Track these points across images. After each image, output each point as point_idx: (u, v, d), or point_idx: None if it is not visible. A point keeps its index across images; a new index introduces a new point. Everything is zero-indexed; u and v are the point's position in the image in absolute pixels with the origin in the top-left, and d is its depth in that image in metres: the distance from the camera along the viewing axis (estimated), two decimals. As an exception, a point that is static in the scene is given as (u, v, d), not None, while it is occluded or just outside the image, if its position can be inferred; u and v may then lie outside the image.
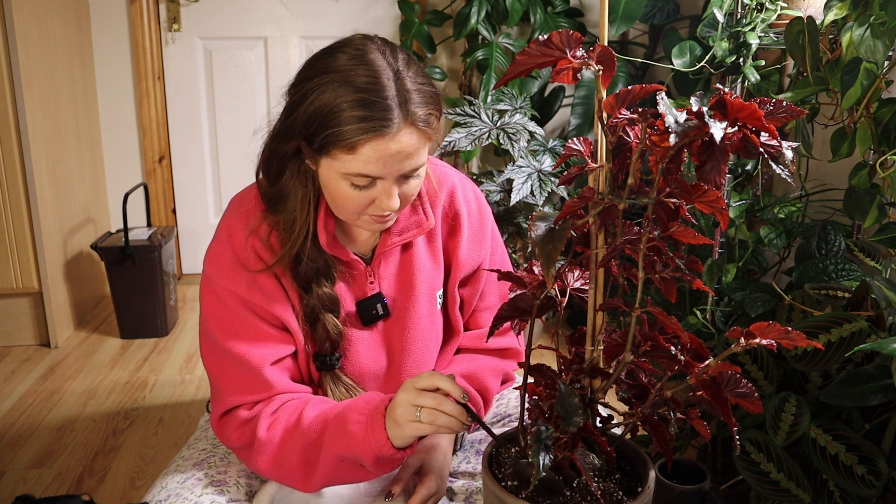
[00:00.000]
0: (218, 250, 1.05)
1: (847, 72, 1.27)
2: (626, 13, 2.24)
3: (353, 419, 0.95)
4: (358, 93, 0.89)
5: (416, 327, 1.12)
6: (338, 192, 0.96)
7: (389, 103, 0.90)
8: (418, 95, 0.92)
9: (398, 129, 0.90)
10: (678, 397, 0.78)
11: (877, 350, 1.04)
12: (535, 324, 0.80)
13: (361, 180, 0.94)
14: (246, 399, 1.03)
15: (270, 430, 1.00)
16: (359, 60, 0.92)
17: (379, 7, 2.86)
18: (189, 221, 3.03)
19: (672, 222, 0.71)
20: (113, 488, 1.68)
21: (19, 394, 2.12)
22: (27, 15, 2.22)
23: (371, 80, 0.90)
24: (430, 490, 1.03)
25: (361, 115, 0.89)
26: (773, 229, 1.62)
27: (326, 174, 0.96)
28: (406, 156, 0.93)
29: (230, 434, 1.04)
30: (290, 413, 1.01)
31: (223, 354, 1.04)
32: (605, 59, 0.71)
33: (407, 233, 1.09)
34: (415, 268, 1.11)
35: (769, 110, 0.68)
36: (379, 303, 1.10)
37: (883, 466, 1.10)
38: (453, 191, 1.15)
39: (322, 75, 0.92)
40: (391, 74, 0.91)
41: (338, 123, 0.90)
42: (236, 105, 2.93)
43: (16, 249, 2.29)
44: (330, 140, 0.91)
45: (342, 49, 0.94)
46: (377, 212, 0.98)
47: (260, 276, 1.03)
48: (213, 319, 1.05)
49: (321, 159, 0.95)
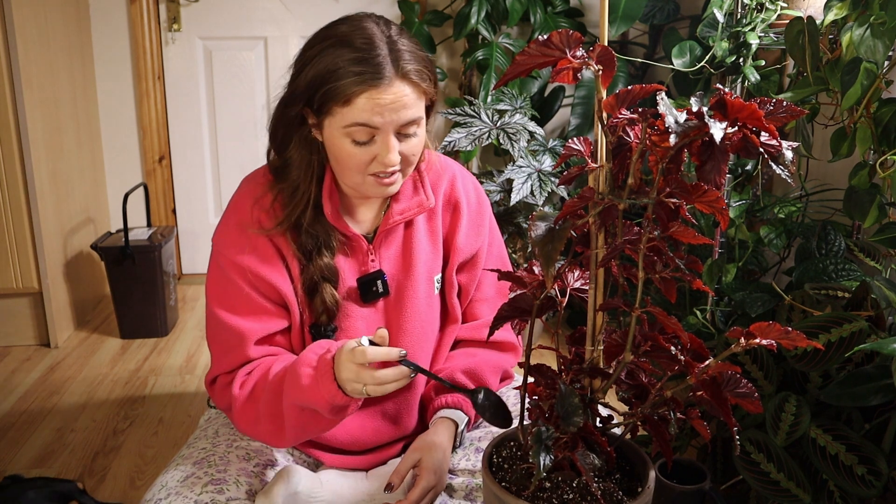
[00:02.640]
0: (224, 221, 1.12)
1: (847, 72, 1.27)
2: (626, 13, 2.24)
3: (304, 373, 0.98)
4: (353, 53, 0.98)
5: (414, 308, 1.15)
6: (341, 152, 1.02)
7: (381, 60, 0.98)
8: (409, 55, 1.00)
9: (390, 81, 0.98)
10: (678, 397, 0.78)
11: (877, 350, 1.04)
12: (535, 324, 0.80)
13: (360, 133, 0.99)
14: (228, 368, 1.10)
15: (243, 388, 1.06)
16: (355, 28, 1.01)
17: (379, 7, 2.86)
18: (189, 221, 3.03)
19: (672, 222, 0.71)
20: (113, 488, 1.68)
21: (19, 394, 2.12)
22: (27, 15, 2.22)
23: (366, 42, 0.99)
24: (429, 484, 1.03)
25: (356, 70, 0.97)
26: (773, 229, 1.62)
27: (330, 135, 1.02)
28: (401, 105, 0.99)
29: (216, 397, 1.13)
30: (260, 370, 1.07)
31: (215, 323, 1.10)
32: (605, 59, 0.71)
33: (409, 211, 1.14)
34: (414, 249, 1.15)
35: (769, 110, 0.68)
36: (379, 279, 1.13)
37: (883, 466, 1.10)
38: (454, 178, 1.20)
39: (322, 42, 1.01)
40: (384, 38, 1.00)
41: (335, 79, 0.97)
42: (236, 105, 2.93)
43: (16, 249, 2.29)
44: (328, 96, 0.98)
45: (342, 21, 1.03)
46: (379, 168, 1.02)
47: (258, 240, 1.08)
48: (212, 288, 1.12)
49: (324, 120, 1.01)
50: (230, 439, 1.15)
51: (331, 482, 1.10)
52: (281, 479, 1.04)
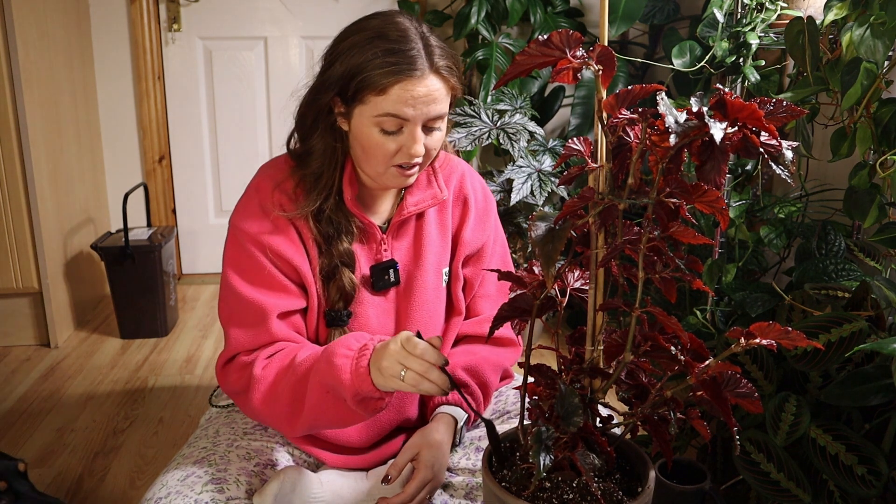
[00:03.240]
0: (244, 202, 1.14)
1: (847, 72, 1.27)
2: (626, 13, 2.24)
3: (341, 353, 0.98)
4: (388, 44, 1.01)
5: (423, 298, 1.18)
6: (369, 140, 1.05)
7: (415, 53, 1.01)
8: (440, 50, 1.04)
9: (424, 74, 1.01)
10: (678, 397, 0.78)
11: (877, 350, 1.04)
12: (535, 324, 0.80)
13: (391, 123, 1.03)
14: (250, 346, 1.10)
15: (266, 369, 1.07)
16: (388, 21, 1.05)
17: (379, 7, 2.86)
18: (189, 221, 3.02)
19: (672, 222, 0.71)
20: (113, 488, 1.68)
21: (19, 394, 2.12)
22: (27, 15, 2.22)
23: (401, 35, 1.02)
24: (426, 478, 1.05)
25: (392, 62, 1.00)
26: (773, 229, 1.62)
27: (358, 123, 1.05)
28: (432, 99, 1.03)
29: (231, 378, 1.11)
30: (285, 354, 1.08)
31: (236, 300, 1.11)
32: (605, 59, 0.71)
33: (423, 203, 1.17)
34: (425, 241, 1.18)
35: (769, 110, 0.68)
36: (392, 268, 1.16)
37: (883, 466, 1.10)
38: (464, 175, 1.25)
39: (356, 34, 1.04)
40: (417, 34, 1.04)
41: (371, 69, 1.01)
42: (236, 105, 2.93)
43: (16, 249, 2.29)
44: (363, 85, 1.01)
45: (373, 16, 1.07)
46: (404, 159, 1.06)
47: (281, 224, 1.10)
48: (231, 265, 1.12)
49: (354, 109, 1.04)
50: (231, 439, 1.15)
51: (331, 482, 1.10)
52: (276, 478, 1.04)
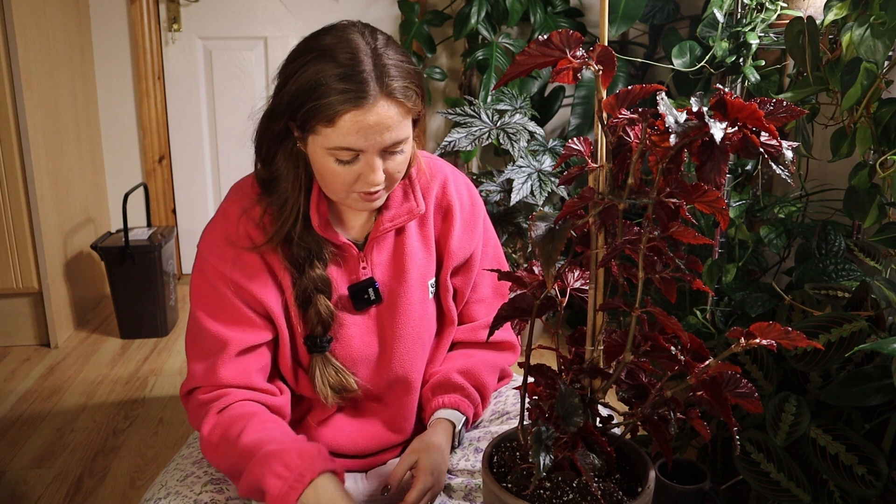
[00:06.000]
0: (211, 229, 1.09)
1: (847, 72, 1.27)
2: (626, 13, 2.24)
3: (276, 472, 0.94)
4: (337, 68, 0.94)
5: (408, 314, 1.13)
6: (325, 169, 0.99)
7: (366, 76, 0.93)
8: (395, 70, 0.96)
9: (375, 101, 0.94)
10: (678, 397, 0.78)
11: (877, 350, 1.04)
12: (535, 324, 0.80)
13: (344, 154, 0.96)
14: (203, 382, 1.06)
15: (212, 432, 1.03)
16: (339, 39, 0.96)
17: (379, 7, 2.86)
18: (189, 221, 3.02)
19: (672, 222, 0.71)
20: (113, 488, 1.68)
21: (19, 394, 2.12)
22: (27, 15, 2.22)
23: (349, 57, 0.94)
24: (426, 485, 1.03)
25: (340, 88, 0.93)
26: (773, 229, 1.62)
27: (313, 152, 0.99)
28: (385, 127, 0.95)
29: (189, 410, 1.09)
30: (233, 421, 1.02)
31: (197, 331, 1.08)
32: (605, 59, 0.71)
33: (399, 218, 1.11)
34: (406, 254, 1.13)
35: (769, 110, 0.68)
36: (371, 287, 1.12)
37: (883, 466, 1.10)
38: (445, 182, 1.17)
39: (305, 55, 0.97)
40: (369, 51, 0.96)
41: (318, 97, 0.94)
42: (236, 105, 2.93)
43: (16, 249, 2.29)
44: (311, 114, 0.95)
45: (326, 32, 0.99)
46: (364, 188, 1.00)
47: (246, 255, 1.06)
48: (195, 295, 1.09)
49: (307, 137, 0.98)
50: (230, 439, 1.15)
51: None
52: None
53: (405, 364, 1.14)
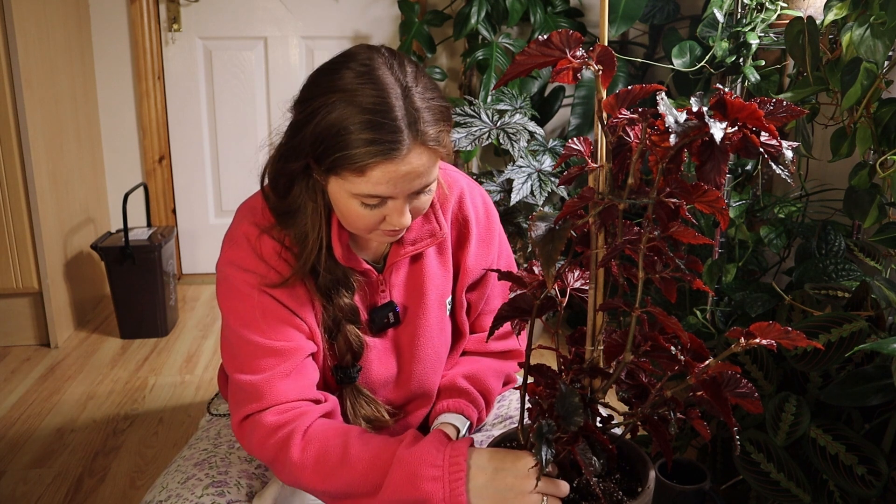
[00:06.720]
0: (239, 254, 1.02)
1: (847, 72, 1.27)
2: (626, 13, 2.24)
3: (428, 474, 0.87)
4: (365, 114, 0.87)
5: (426, 334, 1.11)
6: (348, 210, 0.94)
7: (398, 124, 0.87)
8: (428, 113, 0.90)
9: (408, 151, 0.88)
10: (678, 397, 0.78)
11: (877, 350, 1.04)
12: (535, 324, 0.80)
13: (372, 200, 0.92)
14: (270, 402, 0.98)
15: (304, 454, 0.94)
16: (366, 78, 0.89)
17: (379, 7, 2.86)
18: (189, 221, 3.02)
19: (672, 222, 0.71)
20: (113, 488, 1.68)
21: (19, 394, 2.12)
22: (27, 15, 2.22)
23: (378, 100, 0.87)
24: None
25: (370, 139, 0.86)
26: (773, 229, 1.62)
27: (336, 192, 0.94)
28: (416, 175, 0.90)
29: (255, 440, 0.98)
30: (326, 438, 0.95)
31: (245, 348, 1.00)
32: (605, 59, 0.71)
33: (420, 242, 1.08)
34: (426, 276, 1.10)
35: (769, 110, 0.68)
36: (391, 311, 1.09)
37: (883, 466, 1.09)
38: (462, 196, 1.14)
39: (328, 94, 0.89)
40: (399, 92, 0.88)
41: (346, 146, 0.87)
42: (236, 105, 2.93)
43: (16, 249, 2.29)
44: (339, 163, 0.89)
45: (347, 65, 0.91)
46: (389, 227, 0.96)
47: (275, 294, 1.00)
48: (234, 317, 1.01)
49: (330, 177, 0.93)
50: (232, 440, 1.15)
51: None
52: (276, 481, 1.04)
53: (424, 383, 1.14)
